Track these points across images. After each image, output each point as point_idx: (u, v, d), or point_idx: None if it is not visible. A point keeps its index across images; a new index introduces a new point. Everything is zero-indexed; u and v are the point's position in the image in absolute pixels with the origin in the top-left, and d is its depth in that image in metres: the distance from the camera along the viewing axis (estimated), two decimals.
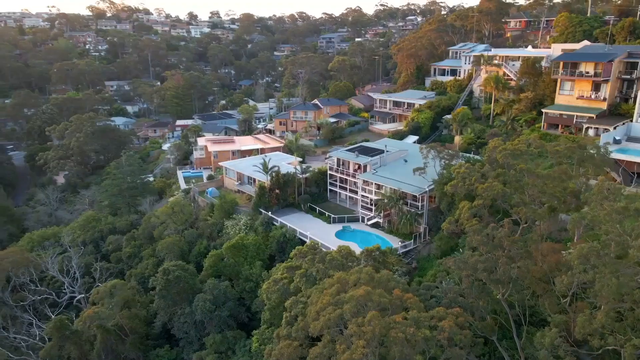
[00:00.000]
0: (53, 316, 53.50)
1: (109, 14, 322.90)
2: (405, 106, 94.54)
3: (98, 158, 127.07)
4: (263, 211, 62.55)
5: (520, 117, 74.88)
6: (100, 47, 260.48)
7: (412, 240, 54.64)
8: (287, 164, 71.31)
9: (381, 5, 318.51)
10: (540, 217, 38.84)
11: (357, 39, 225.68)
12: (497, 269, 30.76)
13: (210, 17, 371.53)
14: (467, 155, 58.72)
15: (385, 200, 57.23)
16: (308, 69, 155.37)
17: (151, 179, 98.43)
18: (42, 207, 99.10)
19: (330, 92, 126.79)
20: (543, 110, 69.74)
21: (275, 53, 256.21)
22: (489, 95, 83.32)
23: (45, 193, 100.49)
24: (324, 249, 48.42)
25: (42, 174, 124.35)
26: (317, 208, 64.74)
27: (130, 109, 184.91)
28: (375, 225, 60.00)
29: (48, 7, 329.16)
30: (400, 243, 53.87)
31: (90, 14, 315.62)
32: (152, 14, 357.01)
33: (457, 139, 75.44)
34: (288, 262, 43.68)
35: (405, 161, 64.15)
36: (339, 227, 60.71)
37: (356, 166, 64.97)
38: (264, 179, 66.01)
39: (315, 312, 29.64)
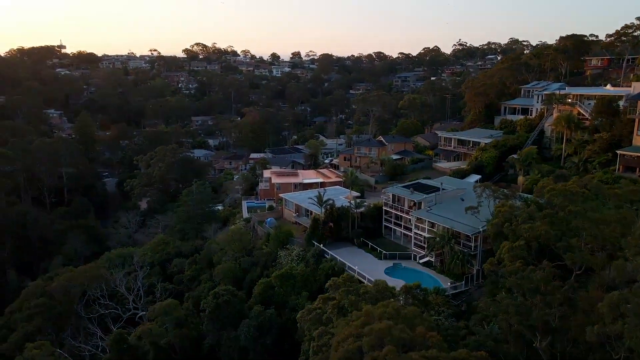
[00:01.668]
0: (114, 329, 57.69)
1: (201, 56, 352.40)
2: (471, 145, 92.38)
3: (177, 186, 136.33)
4: (316, 243, 63.57)
5: (593, 159, 70.26)
6: (190, 85, 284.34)
7: (463, 282, 52.52)
8: (343, 198, 72.25)
9: (459, 44, 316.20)
10: (596, 264, 36.10)
11: (432, 78, 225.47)
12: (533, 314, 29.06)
13: (291, 58, 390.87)
14: (526, 196, 55.96)
15: (437, 239, 55.97)
16: (379, 107, 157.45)
17: (220, 207, 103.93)
18: (123, 229, 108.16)
19: (398, 130, 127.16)
20: (618, 152, 65.04)
21: (351, 91, 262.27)
22: (560, 135, 79.15)
23: (127, 217, 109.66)
24: (368, 284, 48.39)
25: (128, 199, 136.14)
26: (370, 243, 64.54)
27: (211, 142, 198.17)
28: (427, 264, 58.62)
29: (150, 50, 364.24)
30: (450, 284, 52.06)
31: (185, 56, 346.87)
32: (239, 55, 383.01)
33: (520, 179, 72.05)
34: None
35: (462, 200, 62.26)
36: (389, 263, 60.08)
37: (411, 203, 64.28)
38: (320, 211, 67.31)
39: (337, 343, 29.75)
